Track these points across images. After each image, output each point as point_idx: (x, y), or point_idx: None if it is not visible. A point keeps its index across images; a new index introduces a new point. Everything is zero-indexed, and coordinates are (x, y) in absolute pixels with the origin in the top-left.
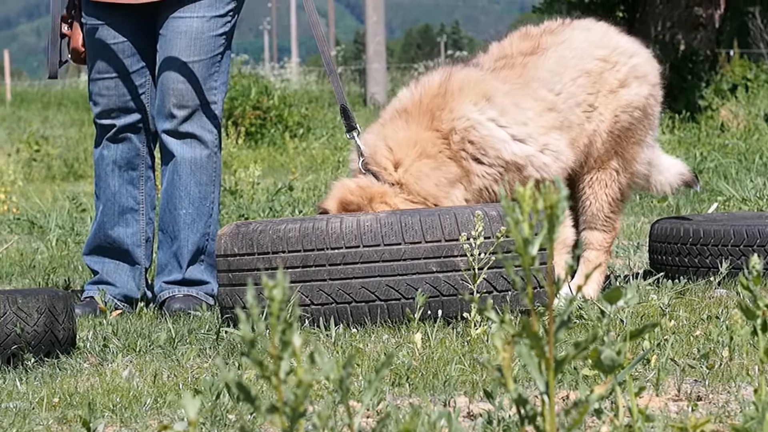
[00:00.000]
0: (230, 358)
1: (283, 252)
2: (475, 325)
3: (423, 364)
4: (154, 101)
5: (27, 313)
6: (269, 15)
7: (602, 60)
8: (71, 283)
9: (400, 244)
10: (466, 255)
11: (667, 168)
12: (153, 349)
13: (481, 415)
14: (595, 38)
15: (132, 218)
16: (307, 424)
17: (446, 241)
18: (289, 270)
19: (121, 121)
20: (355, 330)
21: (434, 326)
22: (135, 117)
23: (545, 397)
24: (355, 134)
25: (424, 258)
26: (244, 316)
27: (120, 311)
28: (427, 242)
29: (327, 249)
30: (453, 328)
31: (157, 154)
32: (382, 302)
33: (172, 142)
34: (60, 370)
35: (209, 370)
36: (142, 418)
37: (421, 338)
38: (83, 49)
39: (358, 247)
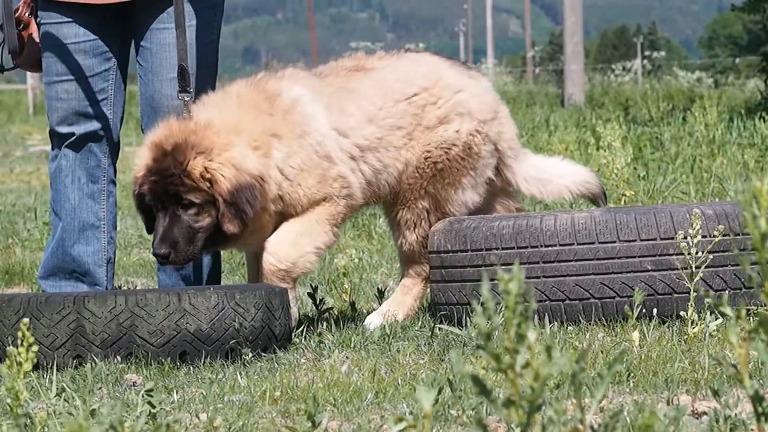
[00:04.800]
0: (445, 355)
1: (497, 249)
2: (692, 324)
3: (642, 362)
4: (118, 109)
5: (245, 308)
6: (464, 16)
7: (425, 90)
8: None
9: (614, 242)
10: (681, 253)
11: (562, 175)
12: (367, 345)
13: (705, 413)
14: (422, 69)
15: (93, 236)
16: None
17: (661, 239)
18: (502, 267)
19: (81, 129)
20: (569, 328)
21: (650, 325)
22: (96, 125)
23: None
24: (186, 97)
25: (639, 256)
26: (480, 309)
27: (332, 307)
28: (642, 240)
29: (541, 246)
30: (669, 327)
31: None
32: (597, 300)
33: None
34: (278, 364)
35: (426, 366)
36: (364, 412)
37: (638, 337)
38: (32, 41)
39: (573, 244)
